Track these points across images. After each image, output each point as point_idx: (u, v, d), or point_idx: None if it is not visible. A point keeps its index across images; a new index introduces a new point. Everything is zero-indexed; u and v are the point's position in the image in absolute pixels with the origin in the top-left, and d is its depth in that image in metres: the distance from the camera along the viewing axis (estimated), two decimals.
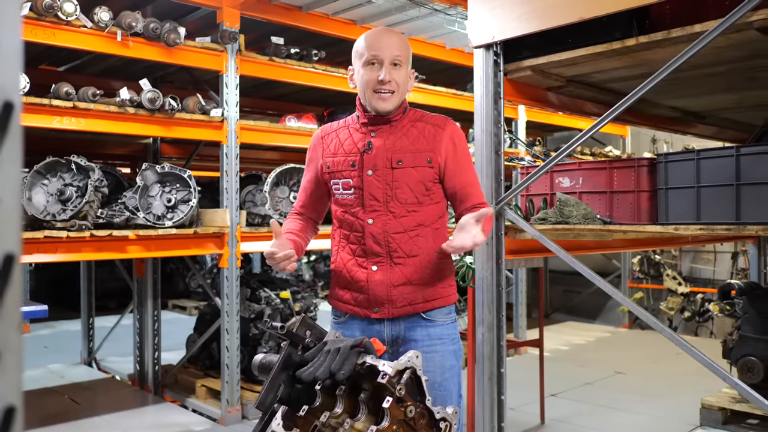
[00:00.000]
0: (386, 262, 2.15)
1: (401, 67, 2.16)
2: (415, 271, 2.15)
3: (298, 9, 4.95)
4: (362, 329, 2.19)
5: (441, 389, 2.15)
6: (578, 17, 2.75)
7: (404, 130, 2.19)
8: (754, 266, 5.97)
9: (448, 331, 2.21)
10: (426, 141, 2.18)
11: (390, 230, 2.14)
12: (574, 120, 7.42)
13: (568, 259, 2.91)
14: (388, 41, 2.16)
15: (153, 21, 4.24)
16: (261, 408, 1.68)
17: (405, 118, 2.21)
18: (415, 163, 2.15)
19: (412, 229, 2.15)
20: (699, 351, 2.50)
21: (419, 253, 2.15)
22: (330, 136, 2.28)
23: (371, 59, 2.14)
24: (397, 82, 2.14)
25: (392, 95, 2.14)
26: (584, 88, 3.54)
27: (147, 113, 4.25)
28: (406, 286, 2.14)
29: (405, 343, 2.17)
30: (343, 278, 2.21)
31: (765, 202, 2.58)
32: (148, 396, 5.41)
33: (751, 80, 3.38)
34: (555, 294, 9.67)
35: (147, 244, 4.25)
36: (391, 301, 2.14)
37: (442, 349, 2.17)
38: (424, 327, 2.17)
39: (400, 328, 2.17)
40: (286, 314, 5.23)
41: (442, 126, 2.21)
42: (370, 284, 2.15)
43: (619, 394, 5.44)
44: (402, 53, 2.16)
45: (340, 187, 2.20)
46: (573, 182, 3.35)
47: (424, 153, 2.16)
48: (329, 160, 2.23)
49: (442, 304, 2.21)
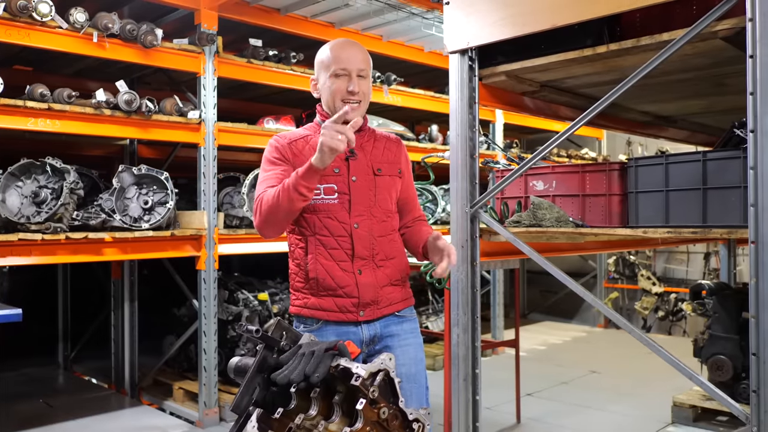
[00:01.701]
0: (370, 264, 2.22)
1: (366, 78, 2.26)
2: (395, 272, 2.28)
3: (277, 11, 4.96)
4: (338, 333, 2.22)
5: (414, 381, 2.26)
6: (551, 24, 2.80)
7: (372, 142, 2.32)
8: (725, 267, 6.09)
9: (415, 325, 2.38)
10: (392, 154, 2.34)
11: (374, 234, 2.23)
12: (550, 122, 7.50)
13: (541, 261, 2.96)
14: (354, 54, 2.24)
15: (130, 22, 4.22)
16: (236, 411, 1.70)
17: (367, 129, 2.34)
18: (391, 173, 2.31)
19: (390, 233, 2.29)
20: (667, 351, 2.57)
21: (396, 255, 2.30)
22: (299, 143, 2.28)
23: (339, 72, 2.21)
24: (364, 92, 2.25)
25: (359, 105, 2.23)
26: (558, 92, 3.60)
27: (124, 115, 4.23)
28: (389, 286, 2.26)
29: (383, 339, 2.27)
30: (324, 285, 2.20)
31: (730, 205, 2.65)
32: (125, 399, 5.38)
33: (719, 86, 3.47)
34: (532, 294, 9.76)
35: (123, 247, 4.24)
36: (377, 302, 2.23)
37: (414, 342, 2.33)
38: (398, 323, 2.30)
39: (377, 327, 2.26)
40: (264, 316, 5.23)
41: (399, 144, 2.40)
42: (360, 287, 2.20)
43: (593, 393, 5.52)
44: (366, 66, 2.26)
45: (321, 192, 2.21)
46: (547, 185, 3.40)
47: (395, 164, 2.33)
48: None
49: (410, 304, 2.38)
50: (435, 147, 6.27)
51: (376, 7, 4.92)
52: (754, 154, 2.29)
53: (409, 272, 2.38)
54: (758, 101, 2.28)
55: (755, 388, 2.29)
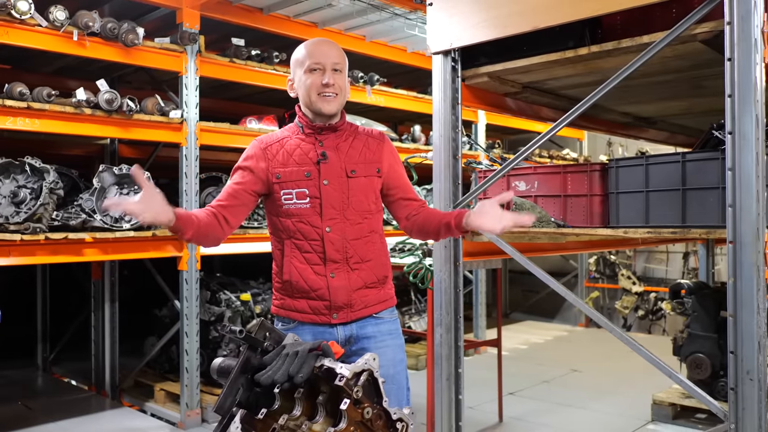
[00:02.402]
0: (344, 268, 2.23)
1: (341, 73, 2.27)
2: (371, 275, 2.28)
3: (260, 11, 4.95)
4: (314, 333, 2.25)
5: (393, 382, 2.25)
6: (533, 26, 2.82)
7: (349, 141, 2.31)
8: (703, 266, 6.17)
9: (395, 326, 2.37)
10: (372, 153, 2.32)
11: (348, 237, 2.23)
12: (532, 123, 7.55)
13: (523, 261, 2.98)
14: (328, 50, 2.28)
15: (110, 21, 4.19)
16: (220, 412, 1.69)
17: (346, 128, 2.34)
18: (367, 173, 2.29)
19: (366, 235, 2.27)
20: (647, 349, 2.60)
21: (373, 257, 2.29)
22: (273, 147, 2.30)
23: (314, 66, 2.24)
24: (339, 86, 2.26)
25: (336, 97, 2.25)
26: (540, 94, 3.63)
27: (104, 114, 4.20)
28: (363, 289, 2.26)
29: (358, 340, 2.27)
30: (298, 288, 2.24)
31: (708, 206, 2.69)
32: (105, 401, 5.34)
33: (697, 88, 3.51)
34: (514, 294, 9.82)
35: (104, 247, 4.20)
36: (350, 305, 2.24)
37: (392, 343, 2.32)
38: (374, 324, 2.30)
39: (353, 328, 2.27)
40: (246, 316, 5.21)
41: (382, 140, 2.38)
42: (331, 291, 2.22)
43: (574, 392, 5.57)
44: (341, 61, 2.28)
45: (294, 197, 2.23)
46: (529, 186, 3.42)
47: (373, 164, 2.31)
48: (279, 171, 2.25)
49: (390, 305, 2.37)
50: (418, 147, 6.29)
51: (359, 8, 4.93)
52: (732, 156, 2.33)
53: (388, 274, 2.36)
54: (736, 103, 2.31)
55: (733, 385, 2.32)
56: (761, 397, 2.27)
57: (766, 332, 2.31)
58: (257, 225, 5.01)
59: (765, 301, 2.31)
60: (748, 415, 2.29)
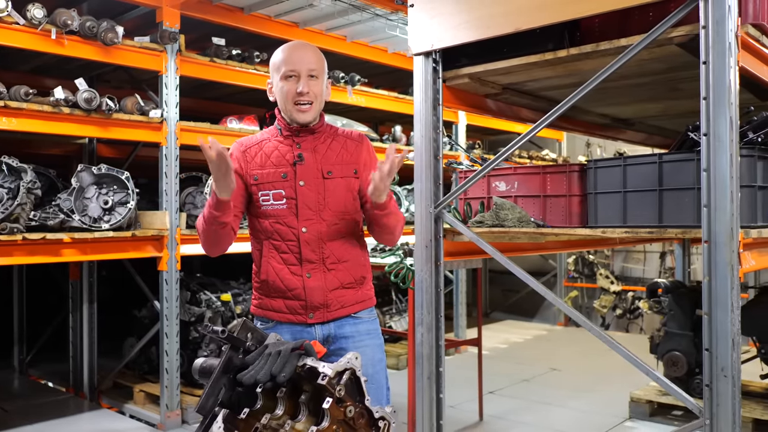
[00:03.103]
0: (320, 268, 2.25)
1: (317, 79, 2.27)
2: (347, 275, 2.29)
3: (240, 10, 4.94)
4: (292, 332, 2.27)
5: (372, 381, 2.26)
6: (514, 28, 2.85)
7: (327, 143, 2.31)
8: (680, 265, 6.26)
9: (373, 326, 2.38)
10: (349, 154, 2.32)
11: (324, 237, 2.25)
12: (512, 124, 7.61)
13: (503, 260, 3.01)
14: (304, 55, 2.27)
15: (89, 19, 4.15)
16: (202, 412, 1.69)
17: (325, 130, 2.34)
18: (344, 174, 2.29)
19: (343, 236, 2.28)
20: (624, 347, 2.64)
21: (350, 258, 2.30)
22: (252, 149, 2.32)
23: (289, 73, 2.25)
24: (315, 93, 2.26)
25: (311, 106, 2.25)
26: (520, 95, 3.66)
27: (83, 113, 4.16)
28: (340, 290, 2.27)
29: (336, 340, 2.29)
30: (275, 288, 2.27)
31: (684, 206, 2.73)
32: (84, 402, 5.29)
33: (674, 91, 3.57)
34: (494, 293, 9.88)
35: (83, 248, 4.16)
36: (327, 305, 2.25)
37: (371, 343, 2.34)
38: (353, 324, 2.31)
39: (330, 328, 2.28)
40: (227, 317, 5.19)
41: (360, 141, 2.38)
42: (307, 291, 2.24)
43: (553, 390, 5.62)
44: (317, 66, 2.27)
45: (270, 198, 2.26)
46: (509, 186, 3.45)
47: (350, 165, 2.31)
48: (257, 173, 2.28)
49: (369, 305, 2.38)
50: (399, 147, 6.30)
51: (341, 8, 4.93)
52: (707, 157, 2.37)
53: (366, 274, 2.37)
54: (711, 106, 2.36)
55: (708, 382, 2.37)
56: (735, 393, 2.32)
57: (739, 330, 2.36)
58: None
59: (739, 300, 2.36)
60: (722, 411, 2.34)
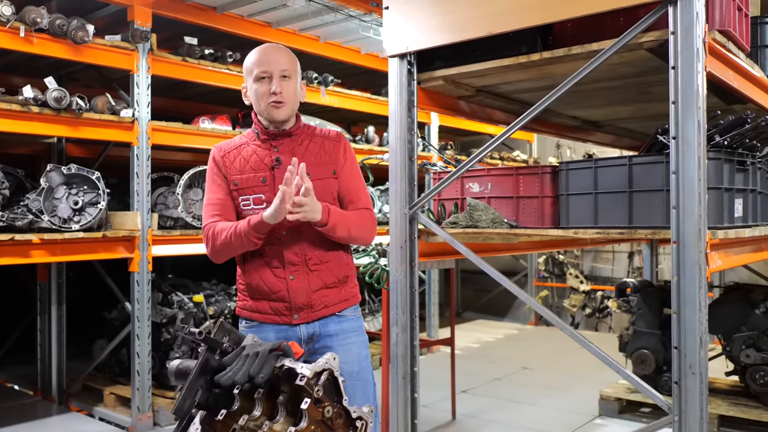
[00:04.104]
0: (303, 270, 2.27)
1: (290, 79, 2.29)
2: (330, 275, 2.31)
3: (213, 9, 4.91)
4: (276, 331, 2.29)
5: (359, 378, 2.30)
6: (488, 32, 2.88)
7: (304, 145, 2.33)
8: (648, 265, 6.38)
9: (358, 323, 2.40)
10: (327, 154, 2.34)
11: (305, 239, 2.26)
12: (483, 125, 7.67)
13: (477, 261, 3.04)
14: (276, 57, 2.29)
15: (59, 17, 4.09)
16: (178, 414, 1.69)
17: (302, 132, 2.35)
18: (321, 175, 2.30)
19: (324, 237, 2.28)
20: (595, 346, 2.69)
21: (331, 258, 2.32)
22: (231, 154, 2.34)
23: (261, 74, 2.27)
24: (288, 93, 2.27)
25: (285, 104, 2.26)
26: (493, 97, 3.70)
27: (53, 112, 4.10)
28: (323, 290, 2.29)
29: (321, 338, 2.30)
30: (258, 290, 2.29)
31: (653, 207, 2.79)
32: (52, 406, 5.20)
33: (643, 94, 3.64)
34: (466, 293, 9.95)
35: (52, 249, 4.10)
36: (310, 306, 2.27)
37: (356, 340, 2.36)
38: (337, 322, 2.33)
39: (315, 327, 2.30)
40: (199, 318, 5.15)
41: (338, 140, 2.39)
42: (291, 292, 2.26)
43: (525, 389, 5.69)
44: (289, 67, 2.29)
45: (251, 203, 2.29)
46: (482, 187, 3.49)
47: (328, 165, 2.33)
48: (236, 178, 2.30)
49: (353, 303, 2.40)
50: (372, 149, 6.32)
51: (314, 8, 4.93)
52: (676, 160, 2.43)
53: (349, 273, 2.40)
54: (680, 110, 2.41)
55: (677, 379, 2.42)
56: (703, 390, 2.38)
57: (707, 328, 2.42)
58: None
59: (706, 299, 2.42)
60: (690, 407, 2.39)
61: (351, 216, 2.31)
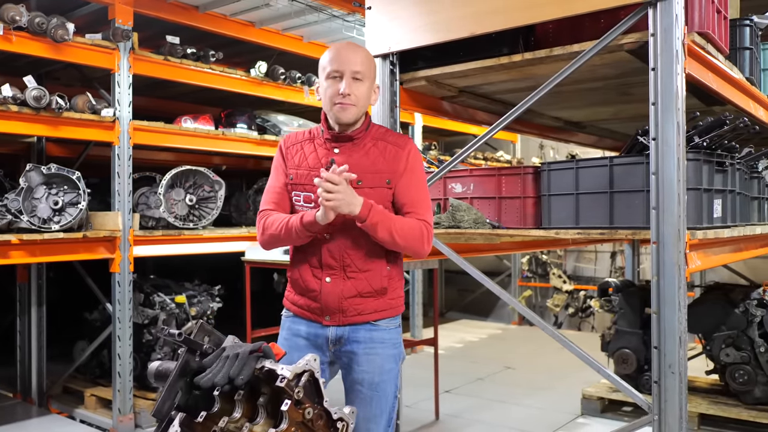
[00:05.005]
0: (340, 275, 2.25)
1: (362, 82, 2.22)
2: (366, 285, 2.26)
3: (195, 8, 4.87)
4: (308, 326, 2.32)
5: (378, 390, 2.27)
6: (470, 32, 2.90)
7: (365, 149, 2.26)
8: (629, 265, 6.43)
9: (390, 335, 2.33)
10: (386, 161, 2.25)
11: (346, 246, 2.23)
12: (467, 126, 7.70)
13: (459, 261, 3.05)
14: (351, 56, 2.22)
15: (39, 15, 4.04)
16: (158, 416, 1.67)
17: (367, 136, 2.29)
18: (374, 184, 2.23)
19: (367, 245, 2.23)
20: (576, 345, 2.70)
21: (372, 268, 2.26)
22: (294, 148, 2.34)
23: (333, 73, 2.21)
24: (357, 95, 2.21)
25: (352, 107, 2.21)
26: (475, 98, 3.72)
27: (32, 112, 4.05)
28: (357, 298, 2.26)
29: (348, 343, 2.29)
30: (298, 285, 2.32)
31: (634, 208, 2.82)
32: (32, 408, 5.14)
33: (624, 95, 3.67)
34: (450, 293, 9.97)
35: (32, 249, 4.05)
36: (342, 311, 2.26)
37: (383, 352, 2.29)
38: (368, 330, 2.29)
39: (345, 331, 2.28)
40: (181, 319, 5.11)
41: (402, 146, 2.29)
42: (323, 294, 2.25)
43: (508, 388, 5.71)
44: (363, 68, 2.22)
45: (301, 200, 2.29)
46: (465, 188, 3.50)
47: (384, 174, 2.25)
48: (293, 172, 2.31)
49: (391, 315, 2.33)
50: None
51: (297, 8, 4.91)
52: (656, 161, 2.45)
53: (390, 285, 2.30)
54: (659, 111, 2.44)
55: (657, 379, 2.45)
56: (682, 389, 2.40)
57: (686, 328, 2.45)
58: (192, 226, 4.93)
59: (686, 299, 2.45)
60: (670, 406, 2.42)
61: (398, 220, 2.20)
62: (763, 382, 4.33)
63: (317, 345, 2.30)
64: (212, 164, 6.34)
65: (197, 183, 5.04)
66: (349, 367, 2.31)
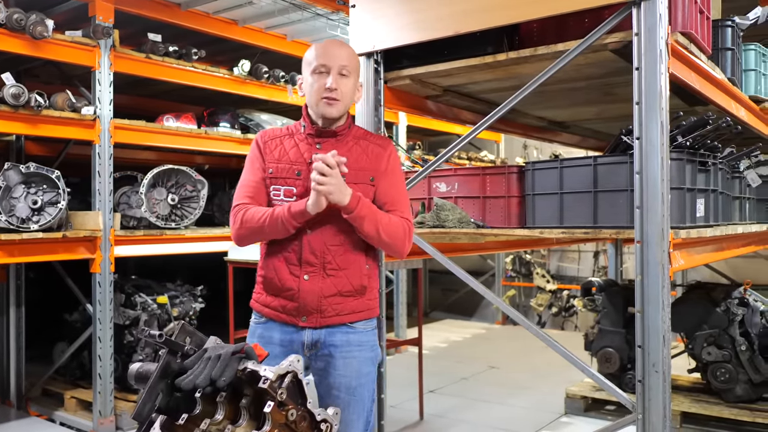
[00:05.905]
0: (319, 272, 2.21)
1: (348, 78, 2.23)
2: (346, 282, 2.23)
3: (177, 6, 4.83)
4: (282, 332, 2.25)
5: (355, 394, 2.24)
6: (454, 31, 2.88)
7: (348, 146, 2.26)
8: (612, 264, 6.47)
9: (367, 337, 2.31)
10: (369, 160, 2.27)
11: (328, 242, 2.21)
12: (452, 125, 7.70)
13: (444, 260, 3.04)
14: (338, 52, 2.23)
15: (17, 11, 3.98)
16: (138, 418, 1.64)
17: (350, 134, 2.29)
18: (357, 180, 2.22)
19: (348, 243, 2.22)
20: (560, 345, 2.70)
21: (351, 266, 2.24)
22: (273, 143, 2.30)
23: (320, 68, 2.21)
24: (343, 91, 2.22)
25: (338, 102, 2.21)
26: (460, 97, 3.71)
27: (10, 109, 3.99)
28: (337, 297, 2.22)
29: (324, 347, 2.24)
30: (273, 285, 2.25)
31: (618, 207, 2.82)
32: (11, 411, 5.06)
33: (608, 95, 3.68)
34: (434, 293, 9.98)
35: (10, 249, 3.99)
36: (321, 311, 2.21)
37: (359, 356, 2.27)
38: (345, 333, 2.25)
39: (321, 334, 2.24)
40: (163, 320, 5.06)
41: (384, 147, 2.32)
42: (302, 293, 2.20)
43: (492, 388, 5.72)
44: (350, 64, 2.23)
45: (281, 194, 2.24)
46: (449, 187, 3.49)
47: (367, 171, 2.26)
48: (272, 166, 2.26)
49: (368, 316, 2.31)
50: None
51: (281, 6, 4.88)
52: (640, 160, 2.45)
53: (369, 284, 2.30)
54: (643, 111, 2.44)
55: (641, 378, 2.45)
56: (666, 388, 2.41)
57: (670, 327, 2.45)
58: (174, 226, 4.88)
59: (669, 298, 2.45)
60: (653, 405, 2.42)
61: (383, 216, 2.21)
62: (744, 380, 4.37)
63: (293, 351, 2.23)
64: (195, 163, 6.30)
65: (179, 182, 4.99)
66: (326, 372, 2.26)
